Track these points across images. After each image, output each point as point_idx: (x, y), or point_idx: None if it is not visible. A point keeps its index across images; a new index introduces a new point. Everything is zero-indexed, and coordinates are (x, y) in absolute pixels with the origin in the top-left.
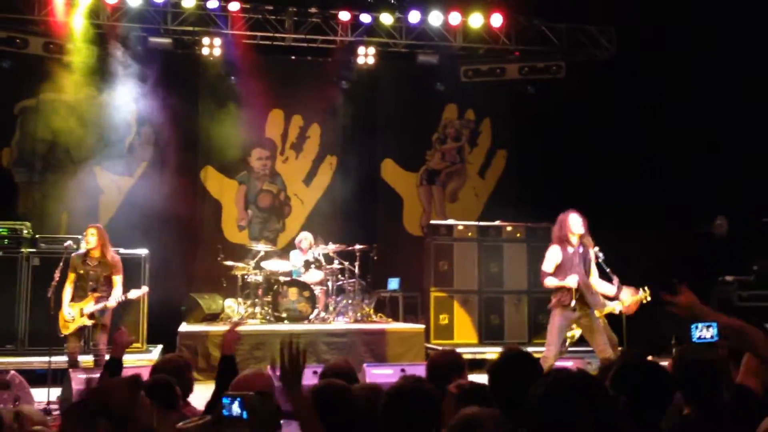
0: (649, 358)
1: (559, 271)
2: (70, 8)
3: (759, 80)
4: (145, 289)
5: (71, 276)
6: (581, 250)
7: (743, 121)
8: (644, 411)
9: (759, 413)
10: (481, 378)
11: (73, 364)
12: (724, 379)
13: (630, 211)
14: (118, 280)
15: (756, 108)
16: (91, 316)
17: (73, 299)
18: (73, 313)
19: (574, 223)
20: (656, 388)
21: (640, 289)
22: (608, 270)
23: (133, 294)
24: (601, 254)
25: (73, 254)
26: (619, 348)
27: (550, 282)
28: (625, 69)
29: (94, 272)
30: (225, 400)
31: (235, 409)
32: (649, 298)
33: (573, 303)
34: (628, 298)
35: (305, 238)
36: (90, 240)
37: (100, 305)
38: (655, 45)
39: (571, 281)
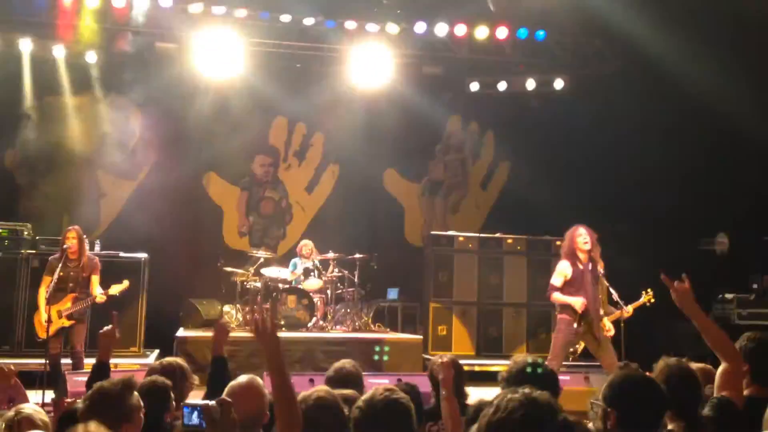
0: (648, 374)
1: (570, 286)
2: (77, 11)
3: (763, 96)
4: (126, 283)
5: (47, 279)
6: (591, 266)
7: (747, 138)
8: (637, 426)
9: (740, 424)
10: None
11: (55, 366)
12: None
13: (631, 226)
14: (95, 280)
15: (760, 125)
16: (70, 316)
17: (49, 302)
18: (49, 316)
19: (582, 238)
20: (650, 403)
21: (643, 291)
22: (607, 285)
23: (115, 289)
24: (601, 270)
25: (50, 258)
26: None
27: (557, 297)
28: (629, 82)
29: (74, 273)
30: (185, 410)
31: (194, 418)
32: (653, 300)
33: (575, 325)
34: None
35: (306, 245)
36: (72, 242)
37: (78, 306)
38: (659, 59)
39: (577, 303)
